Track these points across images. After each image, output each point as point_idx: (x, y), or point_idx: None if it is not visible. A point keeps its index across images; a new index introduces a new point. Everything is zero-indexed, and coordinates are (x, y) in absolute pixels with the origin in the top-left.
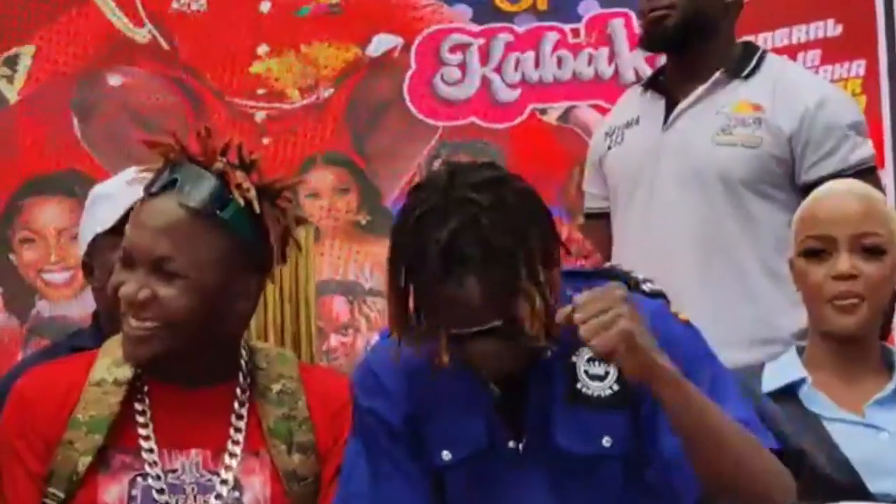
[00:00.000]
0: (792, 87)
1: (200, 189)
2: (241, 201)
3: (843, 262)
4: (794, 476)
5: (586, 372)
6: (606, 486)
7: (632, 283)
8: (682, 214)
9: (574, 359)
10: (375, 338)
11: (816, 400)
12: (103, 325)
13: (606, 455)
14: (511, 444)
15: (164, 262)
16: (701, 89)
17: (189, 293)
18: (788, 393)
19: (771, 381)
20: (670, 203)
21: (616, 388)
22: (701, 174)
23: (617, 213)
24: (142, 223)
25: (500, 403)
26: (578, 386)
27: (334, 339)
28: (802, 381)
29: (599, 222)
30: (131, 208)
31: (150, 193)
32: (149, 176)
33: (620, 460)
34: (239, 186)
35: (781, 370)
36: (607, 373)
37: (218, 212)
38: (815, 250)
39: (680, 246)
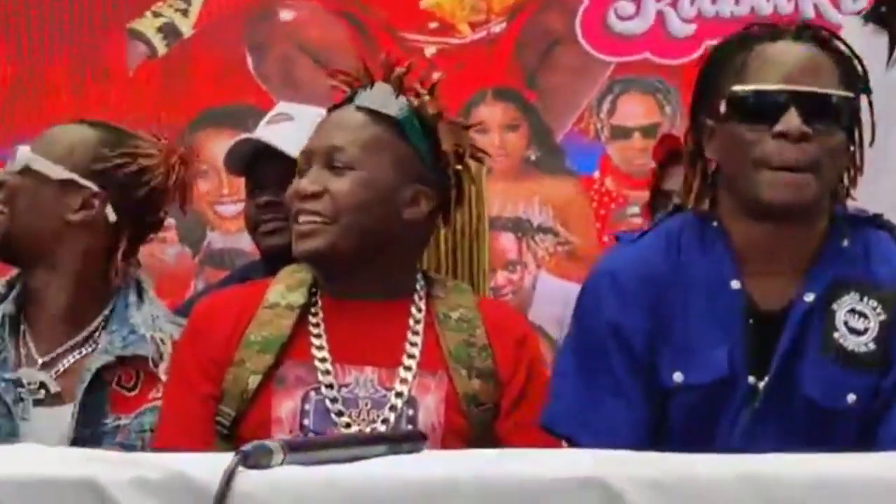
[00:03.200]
0: None
1: (375, 92)
2: (415, 102)
3: None
4: None
5: (846, 323)
6: (837, 441)
7: None
8: None
9: (834, 307)
10: (542, 275)
11: None
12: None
13: (847, 412)
14: (751, 379)
15: (335, 152)
16: None
17: (359, 186)
18: None
19: None
20: None
21: (873, 346)
22: None
23: None
24: (319, 128)
25: (750, 335)
26: (836, 336)
27: (501, 276)
28: None
29: None
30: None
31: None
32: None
33: (858, 419)
34: (412, 89)
35: None
36: (867, 329)
37: (390, 112)
38: None
39: None
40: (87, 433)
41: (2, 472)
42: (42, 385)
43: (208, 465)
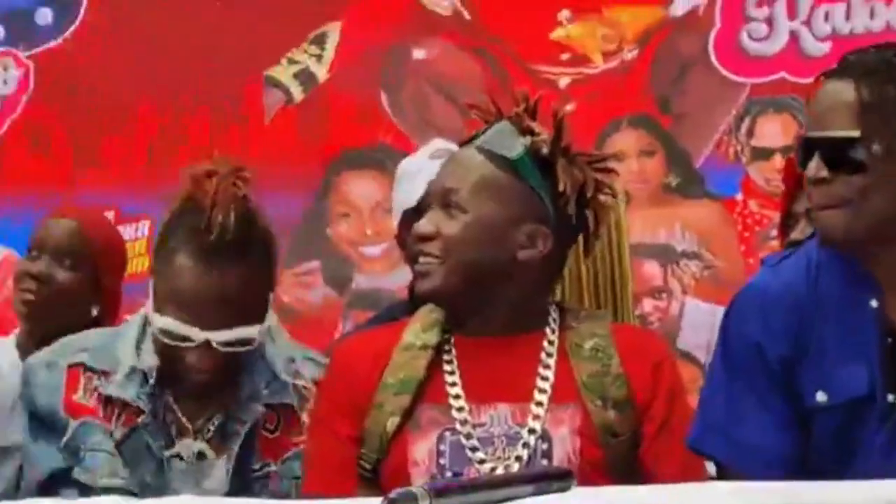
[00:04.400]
0: None
1: (495, 131)
2: (527, 142)
3: None
4: None
5: None
6: None
7: None
8: None
9: None
10: (689, 301)
11: None
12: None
13: None
14: (890, 398)
15: (450, 194)
16: None
17: (468, 228)
18: None
19: None
20: None
21: None
22: None
23: None
24: (441, 168)
25: (889, 354)
26: None
27: (647, 304)
28: None
29: None
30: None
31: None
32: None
33: None
34: (529, 130)
35: None
36: None
37: (505, 152)
38: None
39: None
40: (238, 482)
41: None
42: (200, 453)
43: None
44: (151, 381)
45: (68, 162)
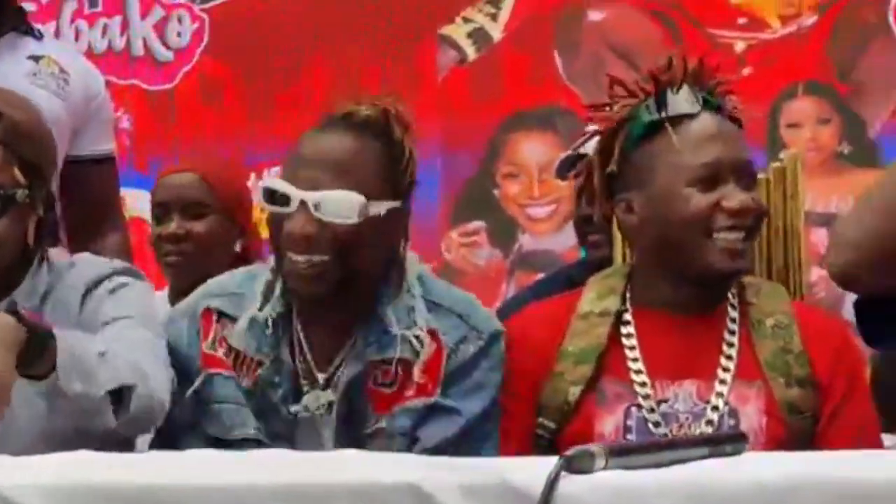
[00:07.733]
0: None
1: (681, 93)
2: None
3: None
4: None
5: None
6: None
7: None
8: None
9: None
10: None
11: None
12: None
13: None
14: None
15: (750, 166)
16: None
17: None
18: None
19: None
20: None
21: None
22: None
23: None
24: (727, 139)
25: None
26: None
27: (815, 273)
28: None
29: None
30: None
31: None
32: None
33: None
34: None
35: None
36: None
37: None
38: None
39: None
40: (351, 438)
41: (330, 478)
42: (329, 405)
43: (530, 470)
44: (269, 331)
45: (242, 115)
